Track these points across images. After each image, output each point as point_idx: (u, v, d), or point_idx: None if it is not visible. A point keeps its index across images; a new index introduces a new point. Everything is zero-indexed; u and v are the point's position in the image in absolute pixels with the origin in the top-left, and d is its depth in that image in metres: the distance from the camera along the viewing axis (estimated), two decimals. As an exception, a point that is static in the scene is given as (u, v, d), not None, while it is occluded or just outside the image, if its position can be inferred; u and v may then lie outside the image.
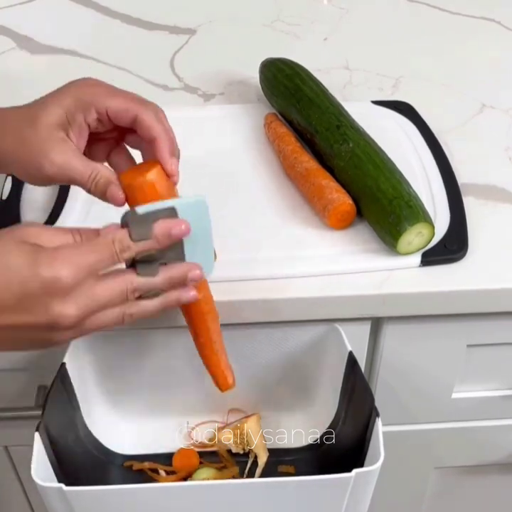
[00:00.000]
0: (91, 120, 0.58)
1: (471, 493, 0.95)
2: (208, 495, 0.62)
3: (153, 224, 0.52)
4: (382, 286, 0.67)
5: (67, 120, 0.58)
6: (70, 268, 0.49)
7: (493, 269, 0.69)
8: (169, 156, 0.58)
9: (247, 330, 0.70)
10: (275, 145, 0.79)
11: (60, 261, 0.50)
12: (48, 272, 0.49)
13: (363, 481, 0.60)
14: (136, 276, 0.53)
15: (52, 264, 0.49)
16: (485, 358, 0.77)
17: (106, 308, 0.52)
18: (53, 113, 0.58)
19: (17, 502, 0.92)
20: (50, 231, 0.53)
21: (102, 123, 0.59)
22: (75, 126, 0.58)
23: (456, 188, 0.75)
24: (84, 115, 0.58)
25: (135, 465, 0.74)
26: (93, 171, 0.57)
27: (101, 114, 0.58)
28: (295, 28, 1.02)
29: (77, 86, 0.59)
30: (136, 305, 0.54)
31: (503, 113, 0.87)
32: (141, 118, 0.58)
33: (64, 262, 0.50)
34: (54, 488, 0.58)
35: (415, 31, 1.02)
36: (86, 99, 0.58)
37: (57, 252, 0.50)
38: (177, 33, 1.01)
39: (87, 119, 0.58)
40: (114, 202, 0.57)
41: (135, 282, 0.53)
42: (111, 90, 0.60)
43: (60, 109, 0.58)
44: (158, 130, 0.58)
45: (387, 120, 0.83)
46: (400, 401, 0.80)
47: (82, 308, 0.51)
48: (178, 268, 0.55)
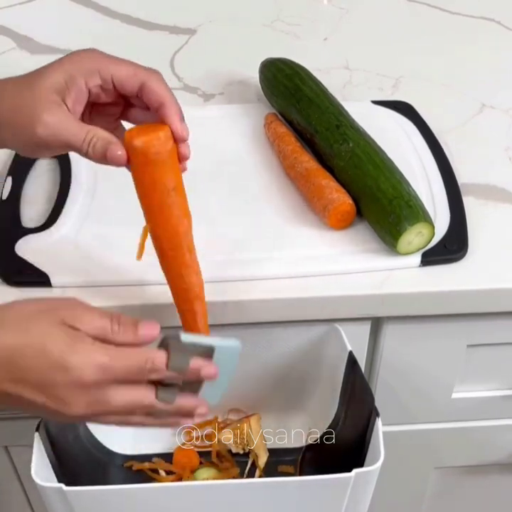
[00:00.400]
0: (92, 86, 0.57)
1: (471, 493, 0.95)
2: (208, 495, 0.62)
3: (191, 357, 0.53)
4: (382, 286, 0.67)
5: (66, 85, 0.57)
6: (96, 370, 0.50)
7: (493, 269, 0.69)
8: (180, 120, 0.57)
9: (247, 330, 0.70)
10: (275, 145, 0.79)
11: (90, 360, 0.50)
12: (77, 369, 0.49)
13: (362, 481, 0.60)
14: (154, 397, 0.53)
15: (85, 360, 0.50)
16: (485, 358, 0.77)
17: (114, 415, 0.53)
18: (51, 77, 0.57)
19: (17, 502, 0.92)
20: (89, 315, 0.52)
21: (105, 91, 0.58)
22: (73, 90, 0.57)
23: (456, 188, 0.75)
24: (85, 80, 0.57)
25: (135, 465, 0.74)
26: (89, 132, 0.56)
27: (105, 81, 0.58)
28: (295, 28, 1.02)
29: (80, 53, 0.59)
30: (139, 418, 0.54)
31: (503, 113, 0.87)
32: (150, 83, 0.57)
33: (93, 362, 0.50)
34: (54, 488, 0.58)
35: (415, 31, 1.02)
36: (90, 65, 0.58)
37: (91, 349, 0.50)
38: (177, 33, 1.01)
39: (88, 84, 0.57)
40: (114, 162, 0.55)
41: (147, 402, 0.53)
42: (115, 58, 0.59)
43: (59, 74, 0.57)
44: (168, 95, 0.57)
45: (387, 120, 0.83)
46: (400, 401, 0.80)
47: (91, 409, 0.51)
48: (189, 402, 0.55)
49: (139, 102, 0.59)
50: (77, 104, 0.58)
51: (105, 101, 0.59)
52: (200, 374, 0.53)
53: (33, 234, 0.70)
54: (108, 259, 0.68)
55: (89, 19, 1.04)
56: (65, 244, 0.69)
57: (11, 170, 0.77)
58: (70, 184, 0.75)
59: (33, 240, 0.70)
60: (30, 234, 0.70)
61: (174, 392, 0.54)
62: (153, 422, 0.55)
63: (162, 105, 0.57)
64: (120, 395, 0.52)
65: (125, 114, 0.61)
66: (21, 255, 0.68)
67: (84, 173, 0.77)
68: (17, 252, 0.68)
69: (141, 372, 0.51)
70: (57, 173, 0.77)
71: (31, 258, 0.68)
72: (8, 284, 0.67)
